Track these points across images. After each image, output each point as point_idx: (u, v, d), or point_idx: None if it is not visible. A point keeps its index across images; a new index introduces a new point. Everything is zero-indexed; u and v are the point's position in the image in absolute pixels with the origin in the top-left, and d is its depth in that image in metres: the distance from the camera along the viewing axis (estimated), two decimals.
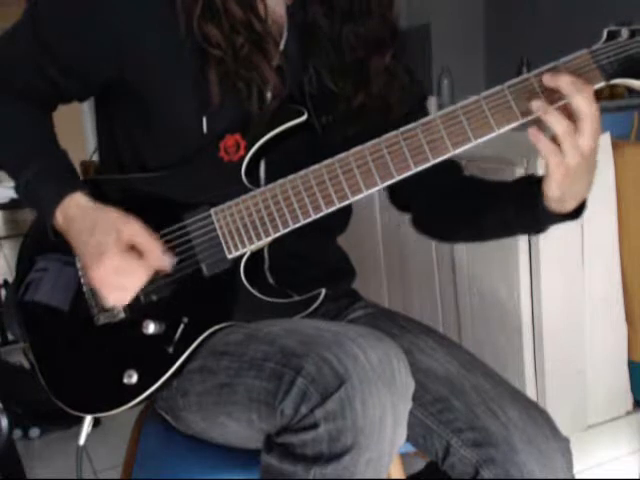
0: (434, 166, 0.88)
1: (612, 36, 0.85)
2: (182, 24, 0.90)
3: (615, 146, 1.64)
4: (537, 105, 0.83)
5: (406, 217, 1.17)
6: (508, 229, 1.04)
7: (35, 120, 1.00)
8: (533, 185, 0.91)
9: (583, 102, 0.81)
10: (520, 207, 0.95)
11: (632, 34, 0.85)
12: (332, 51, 0.99)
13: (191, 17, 0.90)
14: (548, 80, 0.83)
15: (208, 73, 0.91)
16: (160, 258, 0.90)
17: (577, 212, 0.92)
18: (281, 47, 0.96)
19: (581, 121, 0.81)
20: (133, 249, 0.90)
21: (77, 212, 0.92)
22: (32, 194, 0.95)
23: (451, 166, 1.09)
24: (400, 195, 1.14)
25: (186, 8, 0.90)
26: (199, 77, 0.91)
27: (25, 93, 0.98)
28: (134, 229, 0.90)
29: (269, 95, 0.93)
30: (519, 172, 1.53)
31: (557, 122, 0.82)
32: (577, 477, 0.95)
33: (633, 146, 1.72)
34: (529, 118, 0.86)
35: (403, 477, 1.02)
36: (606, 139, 1.62)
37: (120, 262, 0.88)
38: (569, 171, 0.84)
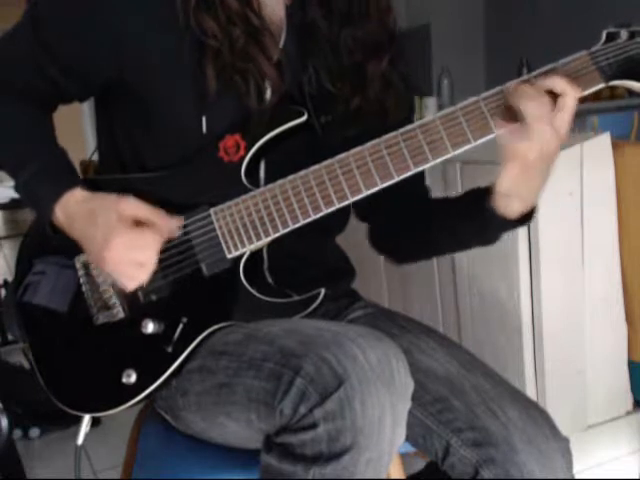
0: (403, 185, 0.89)
1: (611, 38, 0.86)
2: (181, 18, 0.90)
3: (615, 146, 1.64)
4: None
5: None
6: (457, 240, 1.05)
7: (35, 120, 1.00)
8: (480, 191, 0.94)
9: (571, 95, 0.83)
10: (468, 214, 0.97)
11: (631, 35, 0.85)
12: (330, 53, 0.99)
13: (188, 9, 0.90)
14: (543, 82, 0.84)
15: (205, 67, 0.91)
16: (167, 222, 0.90)
17: (525, 218, 0.94)
18: (281, 44, 0.96)
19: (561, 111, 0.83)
20: (138, 224, 0.90)
21: (76, 208, 0.92)
22: (31, 193, 0.95)
23: (419, 189, 1.11)
24: (362, 206, 1.12)
25: (183, 1, 0.90)
26: (198, 74, 0.91)
27: (25, 93, 0.98)
28: (133, 204, 0.90)
29: (268, 91, 0.93)
30: None
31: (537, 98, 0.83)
32: (577, 477, 0.95)
33: (633, 146, 1.72)
34: None
35: (403, 477, 1.02)
36: (606, 139, 1.62)
37: (129, 237, 0.88)
38: (527, 163, 0.86)
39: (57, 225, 0.94)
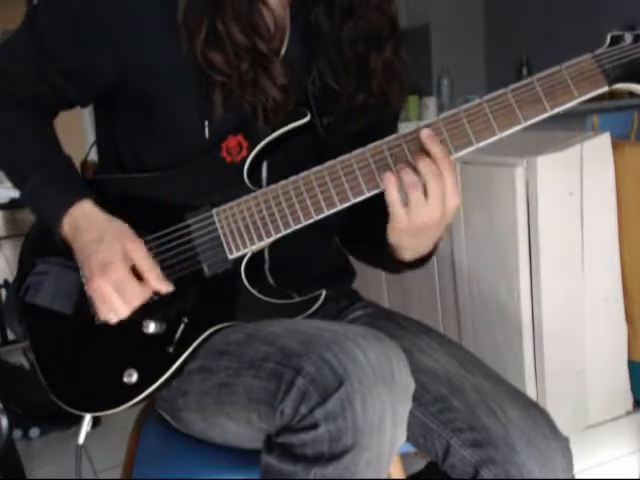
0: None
1: (616, 41, 0.86)
2: (184, 46, 0.89)
3: (615, 146, 1.64)
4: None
5: None
6: (369, 259, 1.10)
7: (38, 128, 1.00)
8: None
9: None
10: (377, 242, 0.97)
11: (635, 39, 0.86)
12: (334, 49, 0.99)
13: (194, 43, 0.89)
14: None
15: (212, 94, 0.90)
16: (159, 280, 0.91)
17: (417, 263, 0.97)
18: (283, 50, 0.96)
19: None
20: (133, 271, 0.90)
21: (84, 222, 0.92)
22: (38, 203, 0.95)
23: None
24: None
25: (189, 33, 0.89)
26: (201, 88, 0.91)
27: (27, 100, 0.98)
28: (141, 250, 0.90)
29: (273, 106, 0.92)
30: (519, 172, 1.53)
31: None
32: (577, 477, 0.95)
33: (633, 146, 1.72)
34: (532, 122, 0.86)
35: (403, 477, 1.02)
36: (606, 139, 1.62)
37: (122, 280, 0.89)
38: (408, 229, 0.87)
39: (62, 234, 0.94)
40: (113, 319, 0.91)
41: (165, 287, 0.91)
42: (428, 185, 0.84)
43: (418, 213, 0.85)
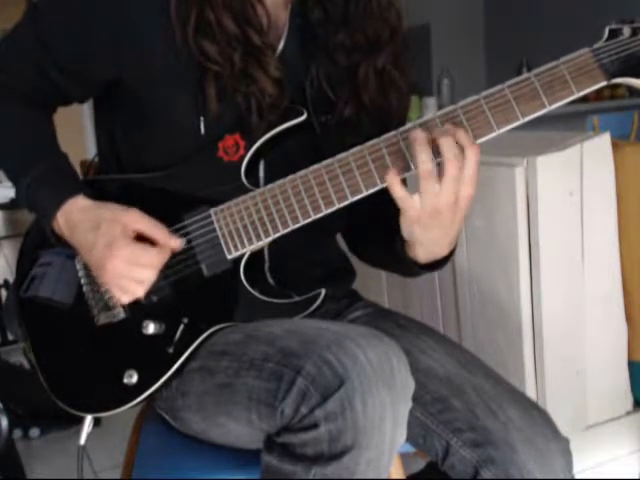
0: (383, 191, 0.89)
1: (614, 34, 0.84)
2: (178, 35, 0.90)
3: (615, 146, 1.64)
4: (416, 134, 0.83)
5: None
6: (381, 262, 1.10)
7: (36, 123, 1.00)
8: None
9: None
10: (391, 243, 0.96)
11: (634, 32, 0.84)
12: (327, 57, 0.98)
13: (187, 32, 0.90)
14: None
15: (206, 86, 0.91)
16: (168, 237, 0.90)
17: (432, 266, 0.94)
18: (280, 47, 0.96)
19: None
20: (141, 239, 0.90)
21: (79, 215, 0.92)
22: (33, 198, 0.95)
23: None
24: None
25: (181, 21, 0.90)
26: (197, 83, 0.91)
27: (26, 95, 0.98)
28: (135, 216, 0.90)
29: (267, 101, 0.92)
30: (519, 172, 1.53)
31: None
32: (577, 477, 0.95)
33: (633, 146, 1.72)
34: (530, 118, 0.86)
35: (403, 477, 1.02)
36: (606, 139, 1.62)
37: (132, 252, 0.88)
38: (421, 217, 0.84)
39: (57, 231, 0.94)
40: (140, 291, 0.90)
41: (176, 242, 0.91)
42: (447, 163, 0.81)
43: (430, 199, 0.82)
